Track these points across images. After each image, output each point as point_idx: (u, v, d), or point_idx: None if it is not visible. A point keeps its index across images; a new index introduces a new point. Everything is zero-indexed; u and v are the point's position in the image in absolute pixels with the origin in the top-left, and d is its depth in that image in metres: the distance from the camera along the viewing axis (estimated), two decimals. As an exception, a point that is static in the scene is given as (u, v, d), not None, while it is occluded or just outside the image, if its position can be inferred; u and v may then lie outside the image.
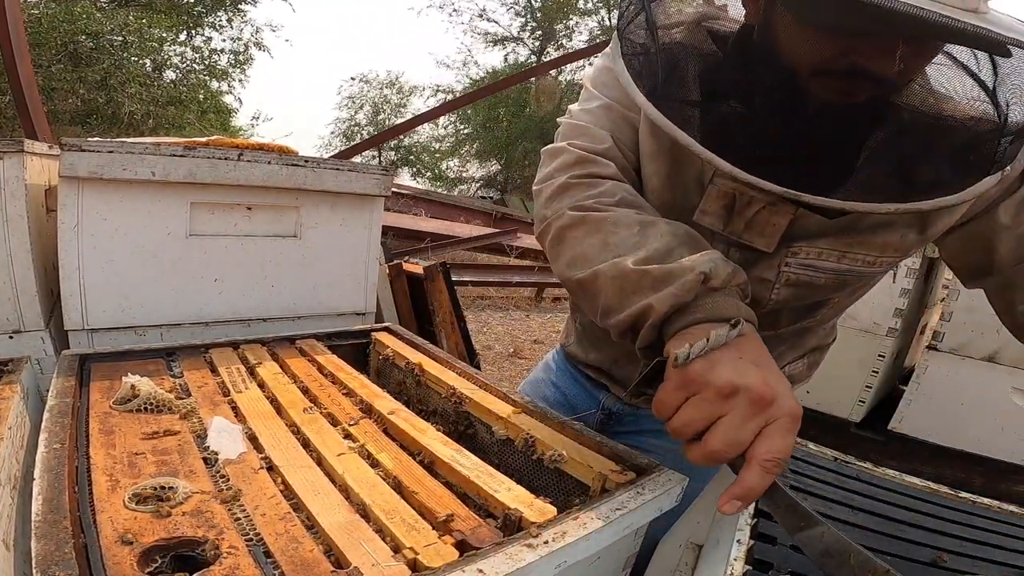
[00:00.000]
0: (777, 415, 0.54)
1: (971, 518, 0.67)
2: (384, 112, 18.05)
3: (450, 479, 0.67)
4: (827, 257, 0.71)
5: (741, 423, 0.52)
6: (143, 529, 0.51)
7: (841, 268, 0.71)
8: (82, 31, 8.55)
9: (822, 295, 0.76)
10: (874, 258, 0.71)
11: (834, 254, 0.70)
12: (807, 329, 0.87)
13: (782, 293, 0.74)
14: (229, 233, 1.14)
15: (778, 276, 0.72)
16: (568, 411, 1.04)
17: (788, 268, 0.71)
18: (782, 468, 0.53)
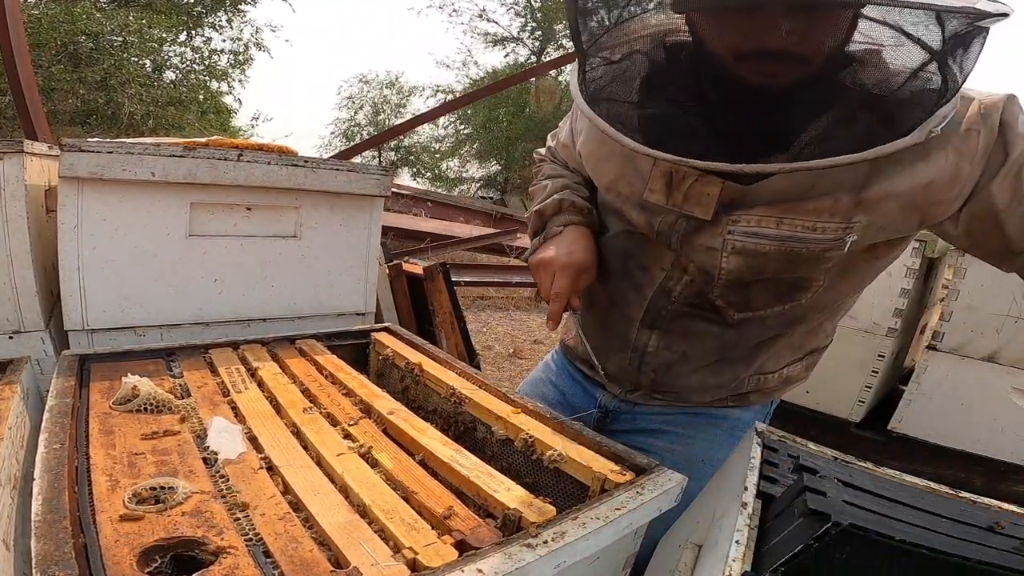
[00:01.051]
0: (555, 268, 0.89)
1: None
2: (384, 112, 18.06)
3: (449, 479, 0.67)
4: (766, 224, 0.76)
5: (544, 279, 0.91)
6: (143, 529, 0.51)
7: (782, 234, 0.75)
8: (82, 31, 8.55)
9: (780, 269, 0.79)
10: (812, 223, 0.74)
11: (772, 220, 0.75)
12: (799, 320, 0.89)
13: (732, 262, 0.79)
14: (229, 233, 1.14)
15: (723, 244, 0.78)
16: (567, 410, 1.08)
17: (732, 236, 0.78)
18: (559, 297, 0.88)
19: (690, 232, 0.82)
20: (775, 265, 0.79)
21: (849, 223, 0.74)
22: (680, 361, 0.95)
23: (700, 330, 0.91)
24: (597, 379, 1.06)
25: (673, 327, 0.93)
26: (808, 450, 0.76)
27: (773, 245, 0.76)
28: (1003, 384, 2.25)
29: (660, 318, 0.93)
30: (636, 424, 1.04)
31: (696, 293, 0.88)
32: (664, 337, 0.95)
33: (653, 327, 0.95)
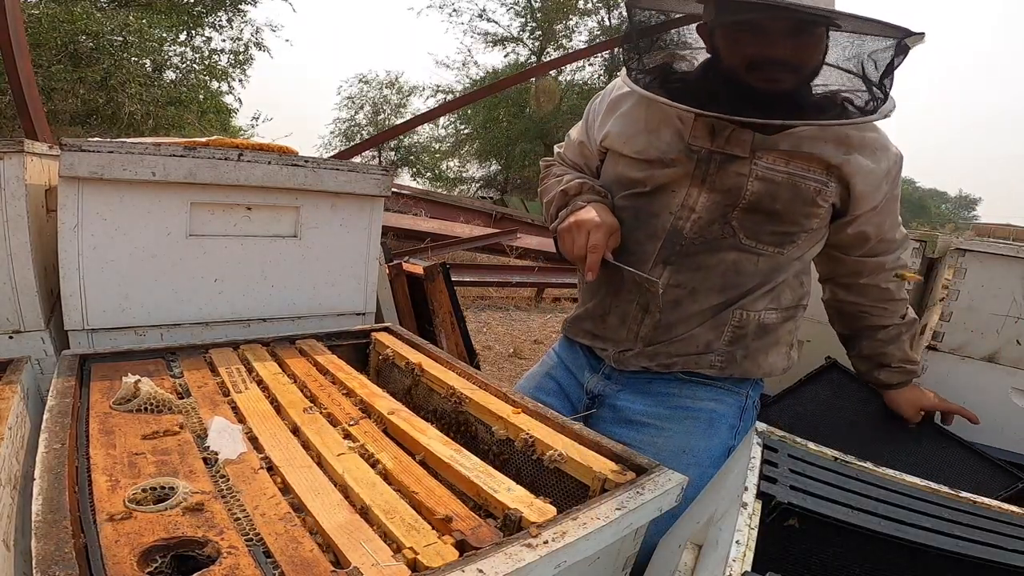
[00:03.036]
0: (590, 227, 1.07)
1: (971, 518, 0.67)
2: (384, 112, 18.04)
3: (450, 479, 0.67)
4: (779, 162, 1.06)
5: (578, 237, 1.07)
6: (143, 529, 0.51)
7: (789, 170, 1.06)
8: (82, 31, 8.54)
9: (788, 200, 1.06)
10: (807, 167, 1.06)
11: (782, 160, 1.06)
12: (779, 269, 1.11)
13: (755, 186, 1.06)
14: (229, 233, 1.14)
15: (751, 171, 1.06)
16: (560, 397, 1.22)
17: (756, 167, 1.06)
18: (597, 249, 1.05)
19: (725, 163, 1.08)
20: (785, 194, 1.06)
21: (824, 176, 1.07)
22: (688, 297, 1.11)
23: (710, 263, 1.10)
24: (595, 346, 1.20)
25: (686, 262, 1.11)
26: (808, 450, 0.76)
27: (783, 176, 1.06)
28: (1003, 384, 2.25)
29: (675, 253, 1.11)
30: (619, 415, 1.14)
31: (706, 225, 1.09)
32: (676, 273, 1.11)
33: (667, 263, 1.11)
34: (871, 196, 1.09)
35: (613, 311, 1.15)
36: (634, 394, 1.13)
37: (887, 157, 1.09)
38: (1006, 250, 2.22)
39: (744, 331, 1.10)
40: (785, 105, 1.01)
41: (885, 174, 1.09)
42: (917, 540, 0.61)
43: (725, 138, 1.08)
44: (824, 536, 0.62)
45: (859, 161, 1.06)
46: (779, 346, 1.15)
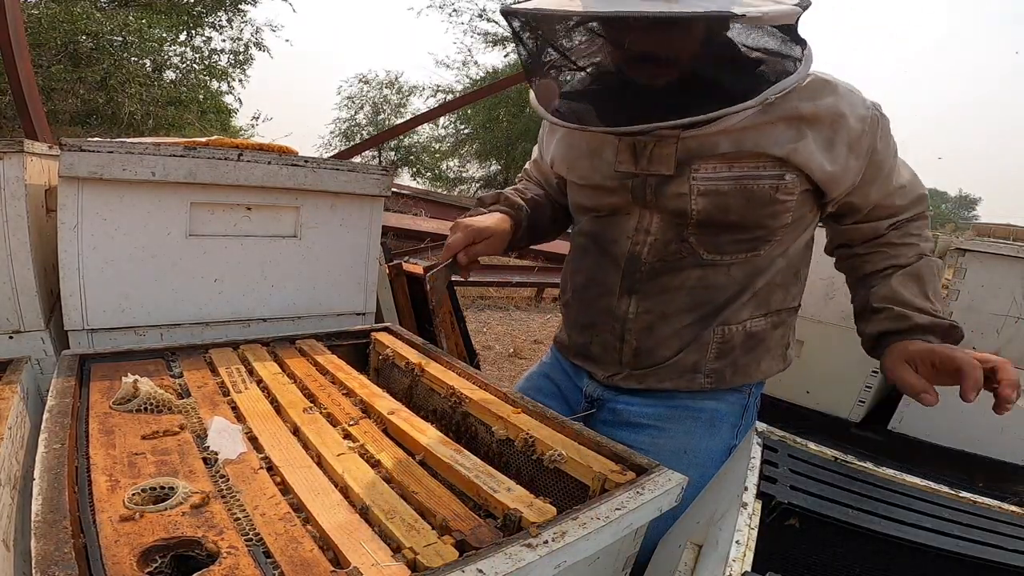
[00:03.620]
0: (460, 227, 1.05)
1: (971, 518, 0.67)
2: (384, 112, 18.04)
3: (450, 479, 0.67)
4: (720, 168, 0.95)
5: (450, 235, 1.04)
6: (143, 529, 0.51)
7: (735, 174, 0.95)
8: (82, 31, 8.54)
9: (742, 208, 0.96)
10: (755, 164, 0.95)
11: (724, 165, 0.95)
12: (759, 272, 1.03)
13: (700, 203, 0.97)
14: (229, 233, 1.14)
15: (691, 189, 0.97)
16: (558, 399, 1.21)
17: (696, 182, 0.96)
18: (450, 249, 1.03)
19: (661, 185, 1.00)
20: (736, 202, 0.96)
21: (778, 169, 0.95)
22: (659, 321, 1.06)
23: (674, 284, 1.04)
24: (585, 367, 1.16)
25: (648, 287, 1.05)
26: (808, 450, 0.76)
27: (729, 183, 0.95)
28: (1003, 384, 2.25)
29: (636, 280, 1.05)
30: (618, 416, 1.12)
31: (663, 247, 1.03)
32: (642, 300, 1.06)
33: (631, 292, 1.06)
34: (841, 177, 0.96)
35: (595, 340, 1.12)
36: (633, 395, 1.11)
37: (854, 121, 0.94)
38: (1006, 250, 2.22)
39: (730, 345, 1.05)
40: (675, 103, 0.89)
41: (852, 145, 0.95)
42: (917, 540, 0.61)
43: (648, 158, 0.99)
44: (824, 536, 0.62)
45: (811, 145, 0.93)
46: (772, 352, 1.10)
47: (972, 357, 0.83)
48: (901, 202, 1.04)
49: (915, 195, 1.05)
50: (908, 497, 0.69)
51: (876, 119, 0.96)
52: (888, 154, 1.00)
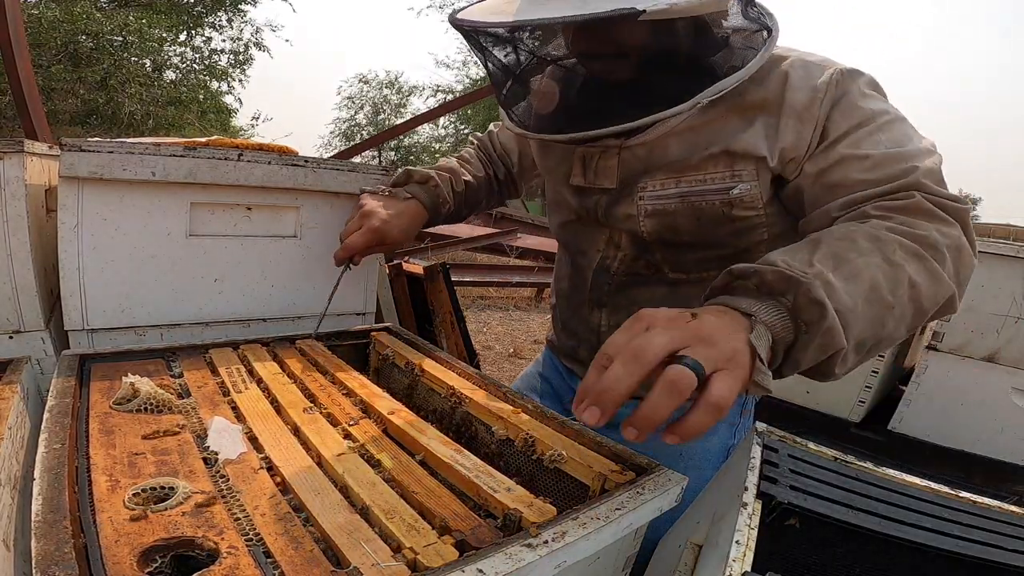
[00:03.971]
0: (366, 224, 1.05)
1: (971, 518, 0.67)
2: (384, 112, 18.05)
3: (450, 479, 0.67)
4: (667, 185, 0.89)
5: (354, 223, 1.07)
6: (143, 529, 0.51)
7: (681, 191, 0.89)
8: (82, 31, 8.55)
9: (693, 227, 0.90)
10: (702, 176, 0.88)
11: (671, 181, 0.89)
12: None
13: (648, 224, 0.92)
14: (229, 233, 1.14)
15: (638, 210, 0.91)
16: (553, 399, 1.20)
17: (643, 201, 0.91)
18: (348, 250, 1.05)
19: (610, 205, 0.95)
20: (685, 222, 0.90)
21: (733, 171, 0.86)
22: None
23: (643, 298, 0.98)
24: (576, 371, 1.14)
25: (617, 300, 1.01)
26: (808, 450, 0.76)
27: (676, 202, 0.89)
28: (1003, 384, 2.25)
29: (604, 294, 1.02)
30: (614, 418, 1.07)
31: (632, 262, 0.98)
32: (612, 314, 1.02)
33: (601, 305, 1.03)
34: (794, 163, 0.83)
35: (581, 346, 1.10)
36: None
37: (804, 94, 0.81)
38: (1006, 250, 2.23)
39: None
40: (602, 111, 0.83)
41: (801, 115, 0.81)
42: (917, 540, 0.61)
43: (593, 170, 0.94)
44: (824, 536, 0.62)
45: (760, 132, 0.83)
46: None
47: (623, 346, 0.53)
48: (862, 176, 0.77)
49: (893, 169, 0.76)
50: (908, 497, 0.69)
51: (836, 83, 0.81)
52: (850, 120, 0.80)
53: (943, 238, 0.70)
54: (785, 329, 0.58)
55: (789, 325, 0.58)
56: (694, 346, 0.51)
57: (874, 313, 0.63)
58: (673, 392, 0.48)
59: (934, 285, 0.68)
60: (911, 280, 0.66)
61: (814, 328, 0.58)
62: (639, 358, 0.50)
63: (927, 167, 0.76)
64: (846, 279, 0.62)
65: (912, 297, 0.66)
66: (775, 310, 0.58)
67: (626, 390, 0.50)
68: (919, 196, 0.73)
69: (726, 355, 0.51)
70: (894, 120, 0.81)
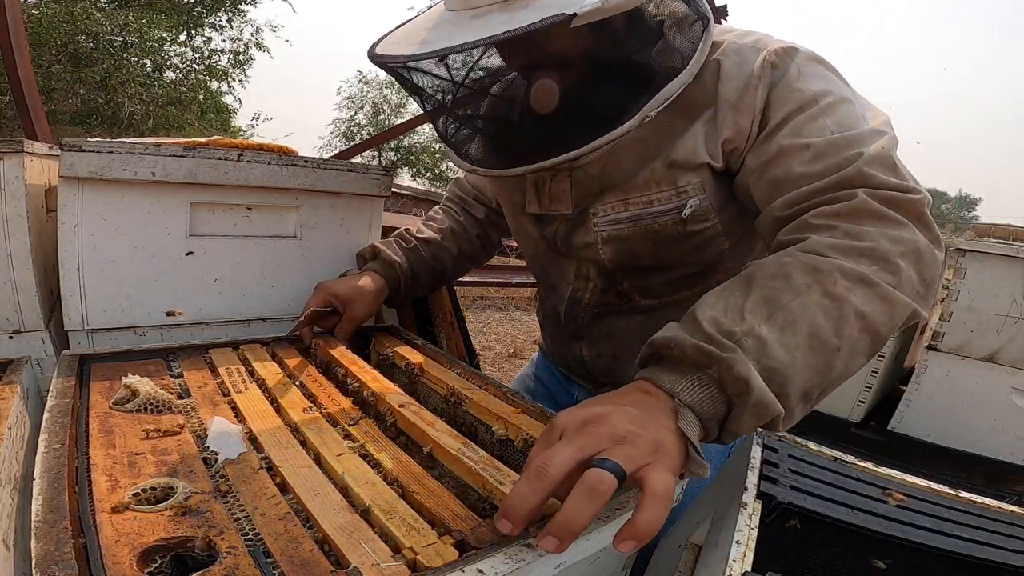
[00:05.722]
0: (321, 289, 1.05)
1: (971, 518, 0.67)
2: (384, 112, 18.04)
3: (456, 471, 0.67)
4: (617, 208, 0.85)
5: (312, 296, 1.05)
6: (143, 529, 0.51)
7: (631, 214, 0.84)
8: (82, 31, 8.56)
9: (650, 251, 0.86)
10: (647, 196, 0.83)
11: (620, 204, 0.85)
12: None
13: (607, 252, 0.88)
14: (229, 233, 1.14)
15: (595, 237, 0.88)
16: (549, 402, 1.18)
17: (598, 228, 0.87)
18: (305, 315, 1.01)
19: (568, 234, 0.91)
20: (642, 247, 0.86)
21: (678, 188, 0.82)
22: (614, 363, 0.99)
23: (619, 327, 0.95)
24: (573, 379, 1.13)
25: (593, 332, 0.97)
26: (808, 450, 0.76)
27: (628, 227, 0.85)
28: (1003, 384, 2.25)
29: (579, 327, 0.98)
30: None
31: (603, 292, 0.94)
32: (591, 345, 1.00)
33: (578, 338, 1.00)
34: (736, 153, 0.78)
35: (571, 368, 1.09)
36: None
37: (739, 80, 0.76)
38: (1006, 250, 2.23)
39: None
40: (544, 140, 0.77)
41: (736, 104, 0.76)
42: (917, 540, 0.61)
43: (548, 195, 0.89)
44: (824, 536, 0.62)
45: (698, 134, 0.79)
46: None
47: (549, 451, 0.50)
48: (803, 168, 0.70)
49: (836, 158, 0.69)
50: (908, 497, 0.69)
51: (771, 65, 0.75)
52: (788, 104, 0.74)
53: (894, 246, 0.64)
54: (714, 403, 0.56)
55: (719, 397, 0.56)
56: (611, 449, 0.48)
57: (818, 360, 0.59)
58: (592, 496, 0.46)
59: (887, 309, 0.62)
60: (858, 312, 0.61)
61: (743, 401, 0.55)
62: (542, 476, 0.48)
63: (873, 153, 0.69)
64: (781, 329, 0.58)
65: (864, 328, 0.61)
66: (700, 385, 0.55)
67: (533, 508, 0.48)
68: (862, 195, 0.66)
69: (649, 449, 0.49)
70: (838, 101, 0.74)
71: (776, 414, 0.56)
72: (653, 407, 0.54)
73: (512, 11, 0.66)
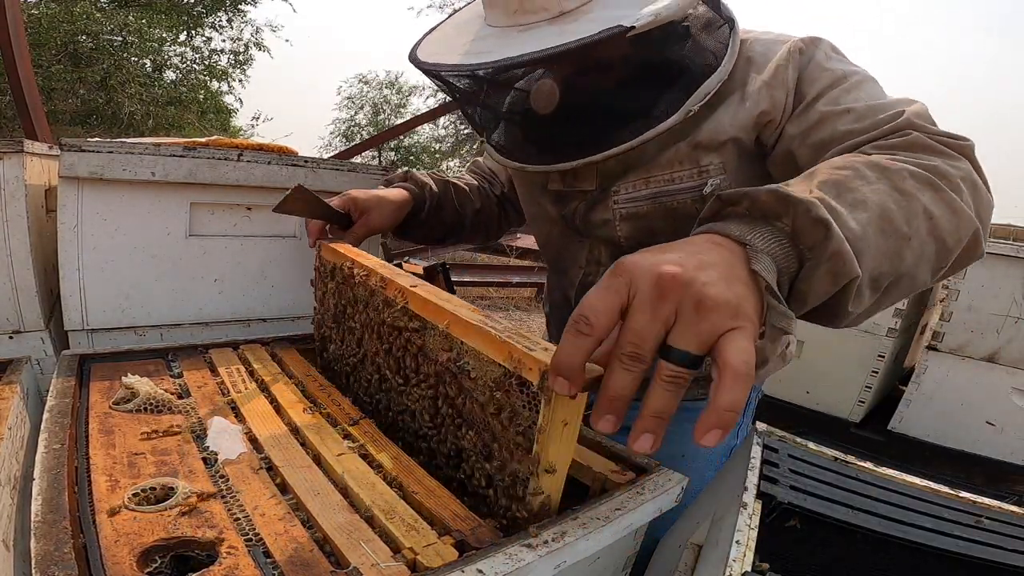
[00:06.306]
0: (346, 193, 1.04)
1: (971, 518, 0.67)
2: (384, 112, 18.05)
3: (480, 343, 0.61)
4: (638, 187, 0.89)
5: None
6: (143, 529, 0.51)
7: (651, 191, 0.88)
8: (82, 31, 8.56)
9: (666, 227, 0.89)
10: (669, 175, 0.87)
11: (641, 182, 0.89)
12: None
13: (624, 228, 0.91)
14: (229, 233, 1.14)
15: (614, 214, 0.91)
16: None
17: (617, 205, 0.90)
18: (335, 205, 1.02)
19: (587, 211, 0.94)
20: (660, 224, 0.89)
21: (700, 167, 0.86)
22: None
23: None
24: None
25: None
26: (808, 450, 0.76)
27: (647, 204, 0.89)
28: (1003, 384, 2.25)
29: None
30: None
31: None
32: None
33: None
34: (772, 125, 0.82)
35: None
36: None
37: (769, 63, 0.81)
38: (1006, 250, 2.23)
39: None
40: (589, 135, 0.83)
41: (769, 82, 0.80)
42: (917, 540, 0.61)
43: (572, 173, 0.93)
44: (824, 536, 0.62)
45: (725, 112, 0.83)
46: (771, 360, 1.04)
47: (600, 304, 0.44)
48: (849, 127, 0.75)
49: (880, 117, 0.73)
50: (908, 497, 0.69)
51: (798, 51, 0.81)
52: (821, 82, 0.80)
53: (955, 170, 0.63)
54: (787, 257, 0.49)
55: (791, 252, 0.50)
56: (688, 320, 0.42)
57: (888, 245, 0.55)
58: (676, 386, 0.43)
59: (954, 218, 0.59)
60: (927, 210, 0.58)
61: (819, 252, 0.50)
62: (639, 358, 0.43)
63: (915, 110, 0.72)
64: (852, 206, 0.53)
65: (931, 231, 0.58)
66: (772, 236, 0.50)
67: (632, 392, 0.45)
68: (915, 133, 0.68)
69: (729, 313, 0.42)
70: (865, 79, 0.79)
71: (853, 274, 0.50)
72: (726, 258, 0.47)
73: (561, 25, 0.72)
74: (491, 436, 0.61)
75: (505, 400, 0.58)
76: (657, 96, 0.82)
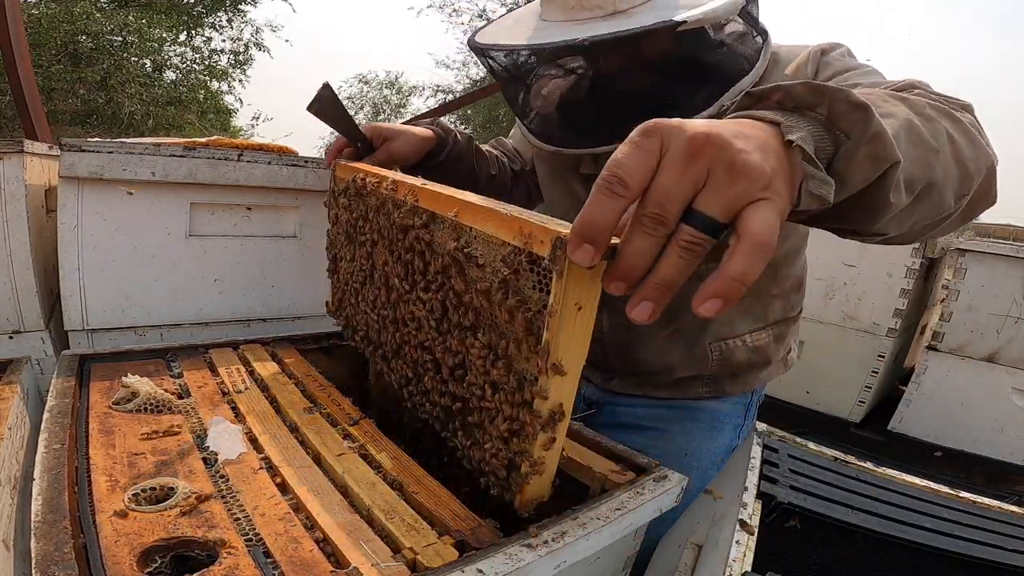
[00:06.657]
0: None
1: (971, 518, 0.67)
2: (384, 112, 18.06)
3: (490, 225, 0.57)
4: None
5: None
6: (143, 529, 0.51)
7: None
8: (82, 31, 8.56)
9: None
10: None
11: None
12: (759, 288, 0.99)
13: None
14: (229, 233, 1.14)
15: None
16: None
17: None
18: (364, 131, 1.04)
19: None
20: None
21: None
22: (633, 337, 1.02)
23: None
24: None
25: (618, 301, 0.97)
26: (808, 450, 0.76)
27: None
28: (1003, 384, 2.25)
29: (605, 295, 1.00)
30: (617, 419, 1.12)
31: None
32: (613, 315, 1.02)
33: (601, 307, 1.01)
34: None
35: None
36: (632, 397, 1.11)
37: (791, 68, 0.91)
38: (1006, 250, 2.23)
39: (732, 360, 1.03)
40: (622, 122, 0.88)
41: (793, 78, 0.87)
42: (917, 540, 0.61)
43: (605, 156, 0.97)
44: (824, 536, 0.62)
45: None
46: (774, 361, 1.08)
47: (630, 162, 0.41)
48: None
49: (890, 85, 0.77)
50: (908, 497, 0.69)
51: (819, 52, 0.90)
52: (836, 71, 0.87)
53: (964, 119, 0.64)
54: (822, 140, 0.47)
55: (826, 137, 0.48)
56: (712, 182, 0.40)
57: (918, 153, 0.54)
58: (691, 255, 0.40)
59: (972, 148, 0.60)
60: (949, 134, 0.58)
61: (859, 134, 0.47)
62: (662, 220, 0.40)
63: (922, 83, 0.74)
64: (882, 116, 0.51)
65: (954, 153, 0.58)
66: (807, 123, 0.47)
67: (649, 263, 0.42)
68: (920, 90, 0.69)
69: (761, 184, 0.40)
70: (875, 72, 0.86)
71: (894, 158, 0.48)
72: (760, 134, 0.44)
73: (615, 19, 0.80)
74: (498, 334, 0.57)
75: (513, 280, 0.53)
76: (695, 90, 0.89)
